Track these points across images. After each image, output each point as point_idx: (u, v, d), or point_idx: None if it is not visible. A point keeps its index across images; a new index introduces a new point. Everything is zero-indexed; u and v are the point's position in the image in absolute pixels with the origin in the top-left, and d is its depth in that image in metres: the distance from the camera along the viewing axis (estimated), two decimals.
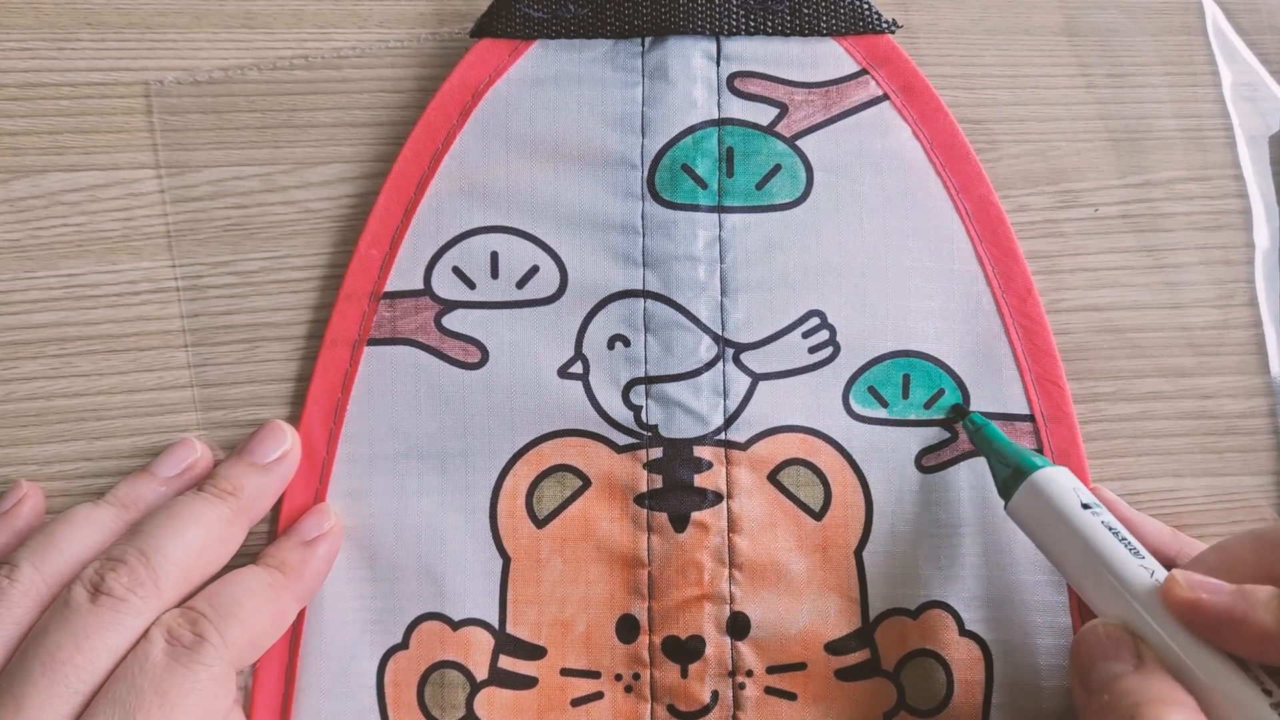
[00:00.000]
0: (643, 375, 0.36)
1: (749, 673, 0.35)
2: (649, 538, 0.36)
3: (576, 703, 0.35)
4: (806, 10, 0.37)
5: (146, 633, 0.31)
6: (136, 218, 0.38)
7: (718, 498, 0.36)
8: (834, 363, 0.37)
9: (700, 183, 0.37)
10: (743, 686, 0.35)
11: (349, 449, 0.36)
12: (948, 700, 0.35)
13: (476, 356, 0.37)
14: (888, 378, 0.37)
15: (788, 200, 0.37)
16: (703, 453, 0.36)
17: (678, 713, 0.35)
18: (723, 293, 0.37)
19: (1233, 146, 0.39)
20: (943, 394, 0.37)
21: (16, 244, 0.37)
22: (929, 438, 0.36)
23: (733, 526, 0.36)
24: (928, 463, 0.36)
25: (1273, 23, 0.40)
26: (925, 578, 0.36)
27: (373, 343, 0.37)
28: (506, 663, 0.35)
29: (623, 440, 0.36)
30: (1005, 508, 0.34)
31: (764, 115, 0.37)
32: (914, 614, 0.35)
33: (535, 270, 0.37)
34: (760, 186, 0.37)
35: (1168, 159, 0.39)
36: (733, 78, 0.37)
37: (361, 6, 0.39)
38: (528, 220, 0.37)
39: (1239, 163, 0.39)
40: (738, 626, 0.35)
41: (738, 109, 0.37)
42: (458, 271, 0.37)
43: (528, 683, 0.35)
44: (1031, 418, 0.37)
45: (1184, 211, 0.39)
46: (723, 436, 0.36)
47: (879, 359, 0.37)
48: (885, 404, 0.37)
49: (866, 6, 0.38)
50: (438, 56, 0.39)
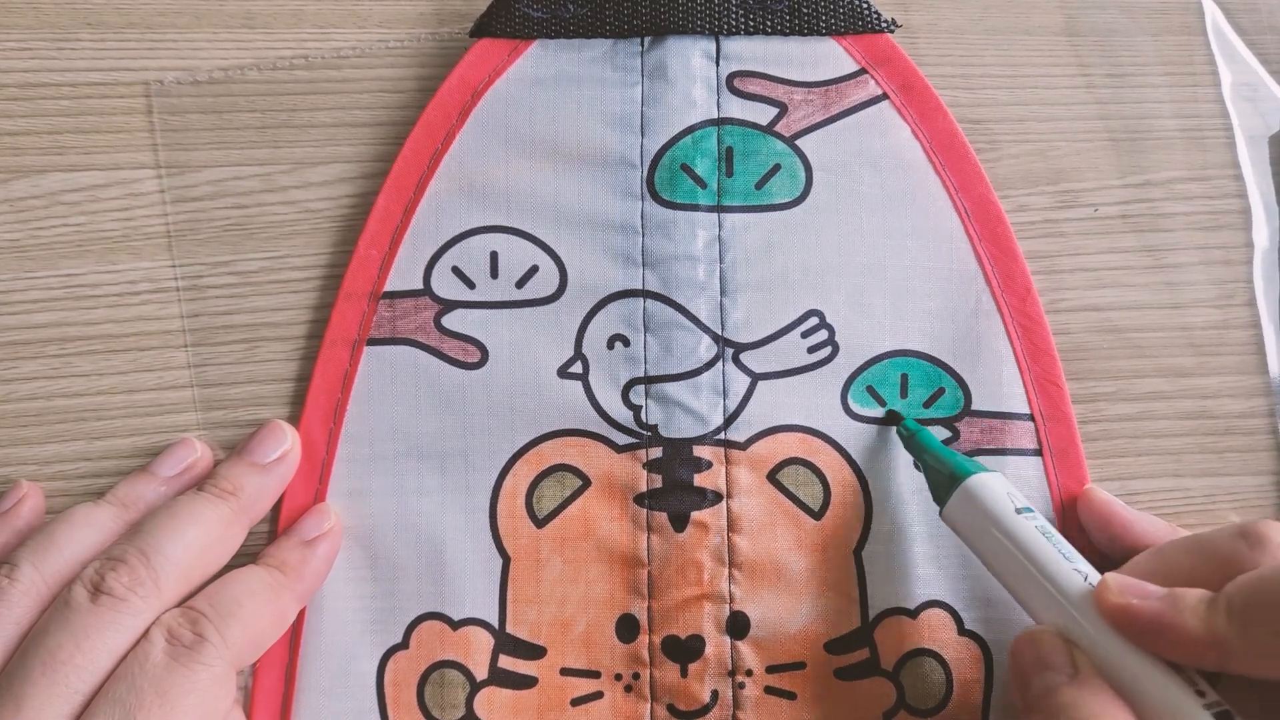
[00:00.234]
0: (642, 375, 0.36)
1: (749, 672, 0.35)
2: (649, 537, 0.36)
3: (576, 702, 0.35)
4: (806, 10, 0.37)
5: (147, 632, 0.31)
6: (136, 218, 0.38)
7: (717, 497, 0.36)
8: (833, 362, 0.37)
9: (700, 182, 0.37)
10: (742, 686, 0.35)
11: (349, 449, 0.36)
12: (947, 700, 0.35)
13: (476, 356, 0.37)
14: (886, 377, 0.37)
15: (787, 200, 0.37)
16: (702, 452, 0.36)
17: (677, 712, 0.35)
18: (722, 292, 0.37)
19: (1233, 146, 0.39)
20: (943, 393, 0.37)
21: (16, 244, 0.37)
22: None
23: (732, 526, 0.36)
24: None
25: (1273, 23, 0.40)
26: (925, 577, 0.36)
27: (372, 343, 0.37)
28: (506, 662, 0.35)
29: (622, 440, 0.36)
30: (940, 514, 0.34)
31: (763, 115, 0.37)
32: (913, 613, 0.35)
33: (535, 270, 0.37)
34: (760, 186, 0.37)
35: (1168, 159, 0.39)
36: (732, 77, 0.37)
37: (361, 6, 0.39)
38: (527, 220, 0.37)
39: (1239, 163, 0.39)
40: (737, 626, 0.35)
41: (737, 109, 0.37)
42: (457, 271, 0.37)
43: (528, 682, 0.35)
44: (1031, 417, 0.36)
45: (1184, 211, 0.39)
46: (722, 436, 0.36)
47: (878, 359, 0.37)
48: (884, 404, 0.37)
49: (866, 6, 0.38)
50: (438, 56, 0.39)
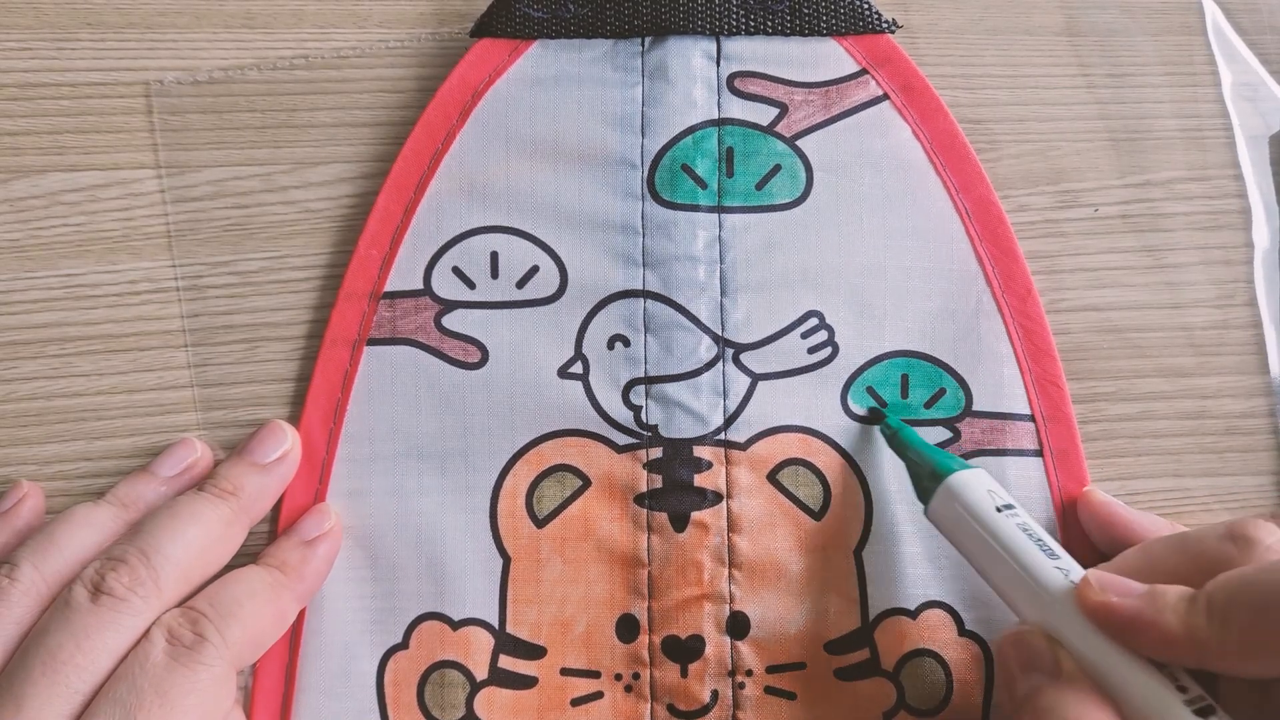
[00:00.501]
0: (643, 375, 0.36)
1: (749, 672, 0.35)
2: (649, 537, 0.36)
3: (576, 702, 0.35)
4: (806, 10, 0.37)
5: (147, 632, 0.31)
6: (136, 218, 0.38)
7: (717, 497, 0.36)
8: (833, 363, 0.37)
9: (700, 183, 0.37)
10: (742, 686, 0.35)
11: (349, 449, 0.36)
12: (947, 700, 0.35)
13: (476, 356, 0.37)
14: (886, 378, 0.37)
15: (787, 200, 0.37)
16: (702, 453, 0.36)
17: (677, 712, 0.35)
18: (722, 293, 0.37)
19: (1233, 146, 0.39)
20: (944, 393, 0.37)
21: (16, 244, 0.37)
22: (928, 438, 0.36)
23: (732, 526, 0.36)
24: None
25: (1273, 23, 0.40)
26: (925, 578, 0.36)
27: (373, 343, 0.37)
28: (506, 662, 0.35)
29: (623, 440, 0.36)
30: (924, 512, 0.34)
31: (764, 115, 0.37)
32: (913, 614, 0.35)
33: (535, 270, 0.37)
34: (760, 186, 0.37)
35: (1168, 159, 0.39)
36: (733, 78, 0.37)
37: (361, 6, 0.39)
38: (527, 220, 0.37)
39: (1239, 163, 0.39)
40: (737, 626, 0.35)
41: (738, 109, 0.37)
42: (458, 271, 0.37)
43: (528, 682, 0.35)
44: (1032, 418, 0.36)
45: (1184, 211, 0.39)
46: (722, 436, 0.36)
47: (877, 359, 0.37)
48: (884, 404, 0.37)
49: (866, 6, 0.38)
50: (438, 56, 0.39)
